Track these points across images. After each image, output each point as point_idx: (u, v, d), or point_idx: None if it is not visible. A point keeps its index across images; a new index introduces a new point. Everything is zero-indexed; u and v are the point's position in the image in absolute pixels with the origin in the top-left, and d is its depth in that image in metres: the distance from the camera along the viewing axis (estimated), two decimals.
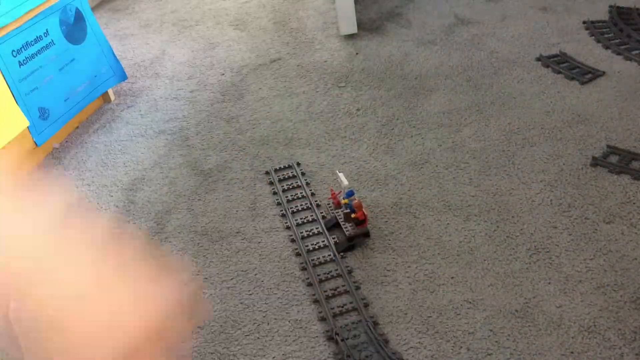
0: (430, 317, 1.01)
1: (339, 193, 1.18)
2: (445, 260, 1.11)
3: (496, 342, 0.96)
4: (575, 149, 1.33)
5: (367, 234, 1.15)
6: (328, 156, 1.40)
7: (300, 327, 1.02)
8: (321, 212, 1.23)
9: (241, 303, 1.08)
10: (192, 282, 1.09)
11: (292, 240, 1.19)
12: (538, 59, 1.65)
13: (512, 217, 1.18)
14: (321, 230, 1.19)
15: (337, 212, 1.19)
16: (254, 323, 1.04)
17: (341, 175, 1.15)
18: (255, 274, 1.13)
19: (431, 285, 1.07)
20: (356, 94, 1.62)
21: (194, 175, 1.40)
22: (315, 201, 1.26)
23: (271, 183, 1.34)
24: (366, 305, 1.04)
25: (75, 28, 1.65)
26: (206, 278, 1.13)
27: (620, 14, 1.79)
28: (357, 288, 1.07)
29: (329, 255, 1.14)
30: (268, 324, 1.04)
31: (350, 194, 1.14)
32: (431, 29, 1.87)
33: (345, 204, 1.15)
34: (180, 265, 1.12)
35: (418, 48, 1.78)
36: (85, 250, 0.59)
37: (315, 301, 1.06)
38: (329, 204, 1.23)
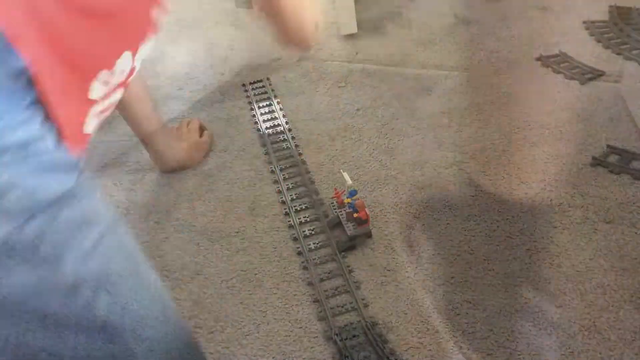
0: (430, 317, 1.01)
1: (343, 192, 1.18)
2: (445, 260, 1.11)
3: (496, 342, 0.96)
4: (575, 149, 1.33)
5: (369, 234, 1.15)
6: (328, 156, 1.40)
7: (300, 327, 1.02)
8: (324, 211, 1.23)
9: (241, 303, 1.08)
10: None
11: (294, 239, 1.19)
12: (538, 59, 1.65)
13: (512, 217, 1.18)
14: (324, 229, 1.19)
15: (339, 212, 1.19)
16: (254, 323, 1.04)
17: (345, 174, 1.15)
18: (255, 274, 1.13)
19: (431, 285, 1.07)
20: (356, 94, 1.62)
21: (194, 175, 1.40)
22: (319, 199, 1.26)
23: (272, 172, 1.34)
24: (366, 305, 1.04)
25: None
26: (206, 278, 1.13)
27: (620, 14, 1.79)
28: (358, 288, 1.07)
29: (331, 254, 1.14)
30: (268, 324, 1.04)
31: (354, 193, 1.15)
32: (431, 29, 1.87)
33: (348, 203, 1.15)
34: None
35: (418, 48, 1.78)
36: None
37: (316, 301, 1.06)
38: (332, 203, 1.23)
